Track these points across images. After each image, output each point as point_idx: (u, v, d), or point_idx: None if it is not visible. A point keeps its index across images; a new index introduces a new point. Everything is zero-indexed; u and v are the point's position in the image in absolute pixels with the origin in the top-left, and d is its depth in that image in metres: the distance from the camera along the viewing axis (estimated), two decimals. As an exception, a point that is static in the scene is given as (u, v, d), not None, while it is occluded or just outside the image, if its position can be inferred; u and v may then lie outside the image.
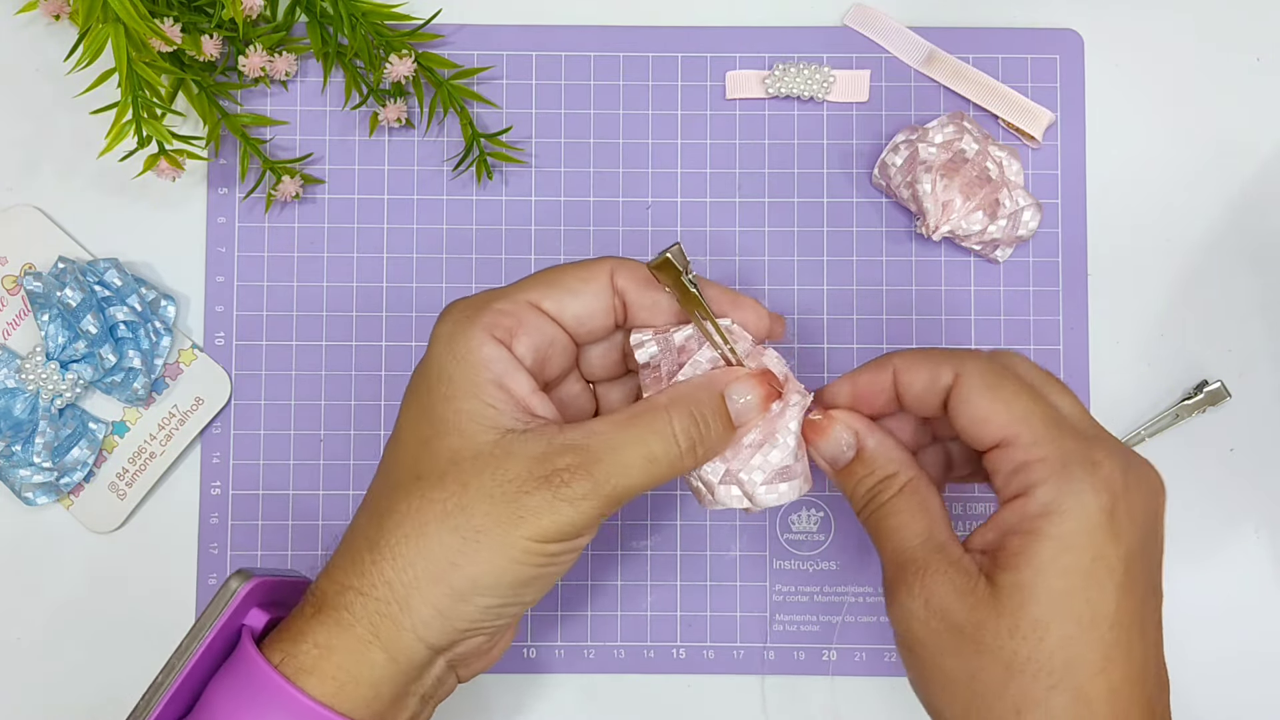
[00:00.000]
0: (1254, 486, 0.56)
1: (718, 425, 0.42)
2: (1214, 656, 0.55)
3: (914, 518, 0.42)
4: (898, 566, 0.42)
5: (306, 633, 0.41)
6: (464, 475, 0.40)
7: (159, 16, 0.51)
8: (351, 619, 0.40)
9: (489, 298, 0.43)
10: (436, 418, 0.41)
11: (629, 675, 0.55)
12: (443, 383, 0.41)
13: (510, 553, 0.40)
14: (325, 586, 0.41)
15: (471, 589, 0.40)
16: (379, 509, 0.41)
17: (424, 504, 0.40)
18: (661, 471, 0.41)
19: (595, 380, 0.47)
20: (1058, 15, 0.57)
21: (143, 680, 0.48)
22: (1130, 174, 0.57)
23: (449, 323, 0.42)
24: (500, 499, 0.40)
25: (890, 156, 0.54)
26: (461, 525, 0.40)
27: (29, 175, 0.56)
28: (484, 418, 0.41)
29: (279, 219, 0.56)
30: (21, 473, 0.53)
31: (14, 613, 0.55)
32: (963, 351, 0.43)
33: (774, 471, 0.43)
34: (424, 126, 0.56)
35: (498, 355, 0.41)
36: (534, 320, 0.42)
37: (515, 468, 0.40)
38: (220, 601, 0.42)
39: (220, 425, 0.55)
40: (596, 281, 0.43)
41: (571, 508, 0.40)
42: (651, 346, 0.44)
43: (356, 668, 0.40)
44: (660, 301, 0.43)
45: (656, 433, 0.41)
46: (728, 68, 0.56)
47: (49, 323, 0.53)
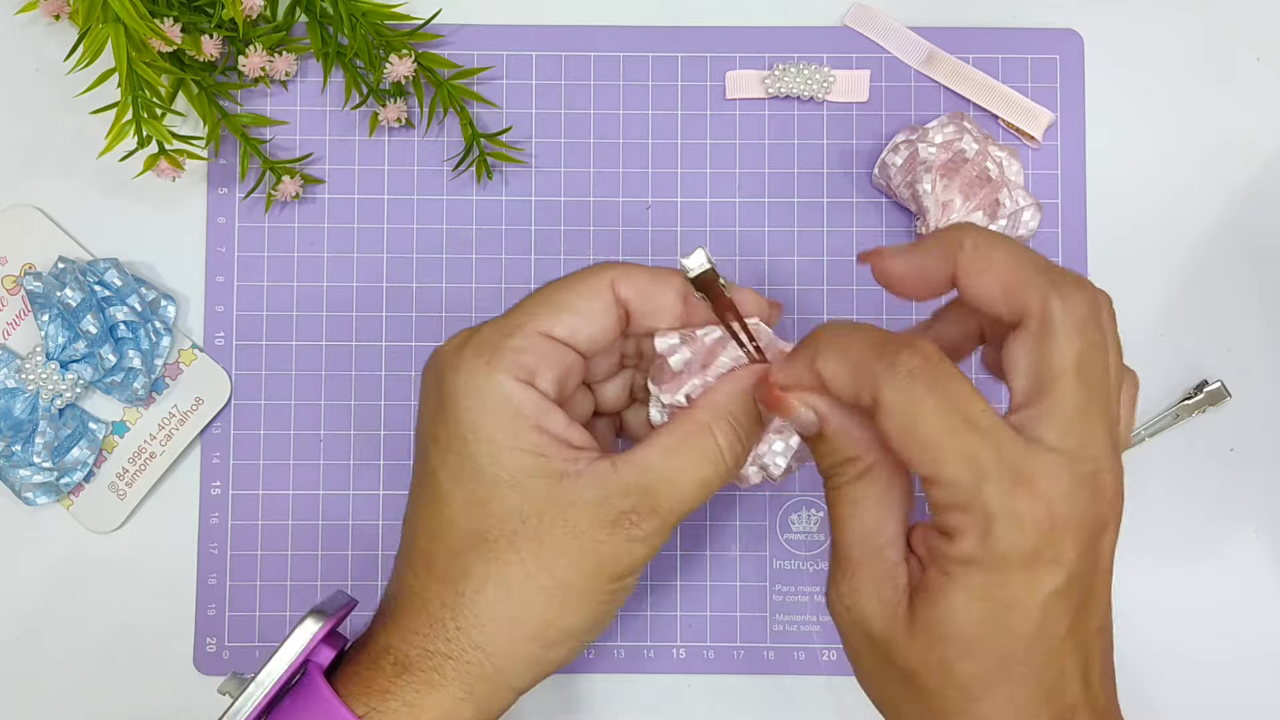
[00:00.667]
0: (1254, 486, 0.56)
1: (753, 429, 0.43)
2: (1214, 657, 0.55)
3: (864, 510, 0.40)
4: (835, 558, 0.41)
5: (393, 691, 0.41)
6: (534, 532, 0.40)
7: (159, 16, 0.51)
8: (442, 680, 0.41)
9: (499, 334, 0.42)
10: (487, 477, 0.41)
11: (629, 675, 0.55)
12: (482, 439, 0.41)
13: (597, 598, 0.41)
14: (403, 647, 0.41)
15: (564, 637, 0.41)
16: (449, 574, 0.41)
17: (503, 566, 0.41)
18: (712, 490, 0.42)
19: (594, 383, 0.47)
20: (1058, 15, 0.57)
21: (141, 680, 0.48)
22: (1130, 174, 0.57)
23: (467, 370, 0.41)
24: (577, 552, 0.40)
25: (890, 156, 0.54)
26: (547, 585, 0.41)
27: (29, 175, 0.56)
28: (536, 468, 0.41)
29: (279, 219, 0.56)
30: (21, 473, 0.53)
31: (14, 613, 0.55)
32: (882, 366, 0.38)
33: (793, 452, 0.44)
34: (424, 126, 0.56)
35: (529, 399, 0.41)
36: (550, 352, 0.42)
37: (582, 517, 0.40)
38: (297, 642, 0.42)
39: (220, 425, 0.55)
40: (601, 298, 0.42)
41: (644, 546, 0.41)
42: (685, 352, 0.43)
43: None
44: (665, 305, 0.43)
45: (707, 457, 0.41)
46: (728, 68, 0.56)
47: (49, 323, 0.53)
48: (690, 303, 0.43)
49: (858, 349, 0.39)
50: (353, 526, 0.55)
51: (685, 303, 0.43)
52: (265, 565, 0.55)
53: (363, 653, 0.42)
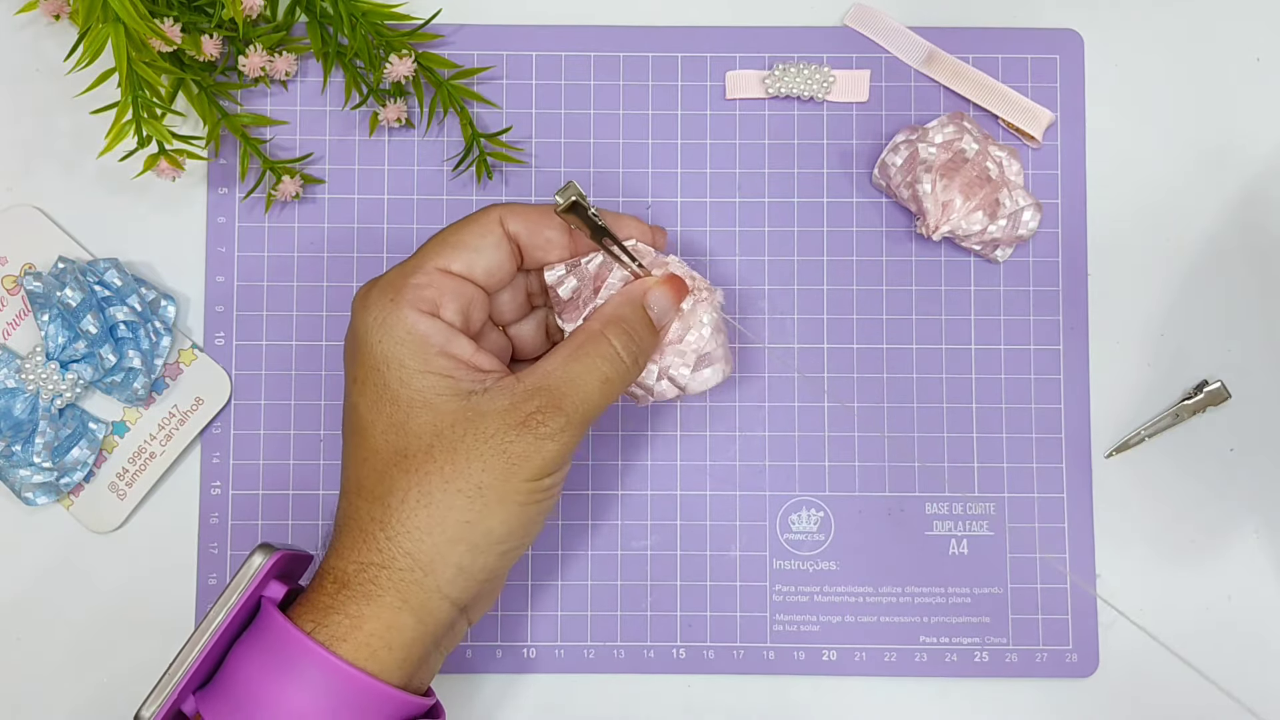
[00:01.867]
0: (1254, 486, 0.56)
1: (647, 333, 0.47)
2: (1214, 657, 0.54)
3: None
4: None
5: (334, 607, 0.43)
6: (448, 443, 0.43)
7: (159, 16, 0.51)
8: (378, 590, 0.43)
9: (402, 274, 0.45)
10: (401, 400, 0.44)
11: (629, 675, 0.55)
12: (393, 366, 0.44)
13: (515, 498, 0.44)
14: (341, 566, 0.44)
15: (486, 539, 0.44)
16: (376, 492, 0.44)
17: (422, 476, 0.43)
18: (615, 389, 0.46)
19: (506, 323, 0.50)
20: (1058, 15, 0.57)
21: (141, 679, 0.48)
22: (1130, 174, 0.57)
23: (375, 308, 0.45)
24: (489, 454, 0.43)
25: (890, 156, 0.54)
26: (464, 487, 0.43)
27: (29, 175, 0.56)
28: (445, 388, 0.44)
29: (279, 219, 0.56)
30: (21, 473, 0.53)
31: (14, 613, 0.55)
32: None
33: (695, 358, 0.48)
34: (424, 126, 0.56)
35: (433, 328, 0.44)
36: (450, 285, 0.45)
37: (492, 423, 0.44)
38: (246, 573, 0.45)
39: (220, 425, 0.55)
40: (492, 233, 0.46)
41: (553, 442, 0.44)
42: (571, 280, 0.48)
43: (388, 633, 0.43)
44: (552, 237, 0.47)
45: (604, 357, 0.45)
46: (728, 68, 0.56)
47: (49, 323, 0.53)
48: (577, 235, 0.47)
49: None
50: (353, 526, 0.55)
51: (570, 235, 0.47)
52: (265, 565, 0.55)
53: (311, 583, 0.45)
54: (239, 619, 0.45)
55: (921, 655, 0.55)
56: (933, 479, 0.55)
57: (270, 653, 0.43)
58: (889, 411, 0.55)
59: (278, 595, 0.45)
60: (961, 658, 0.55)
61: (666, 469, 0.55)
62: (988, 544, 0.55)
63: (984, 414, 0.55)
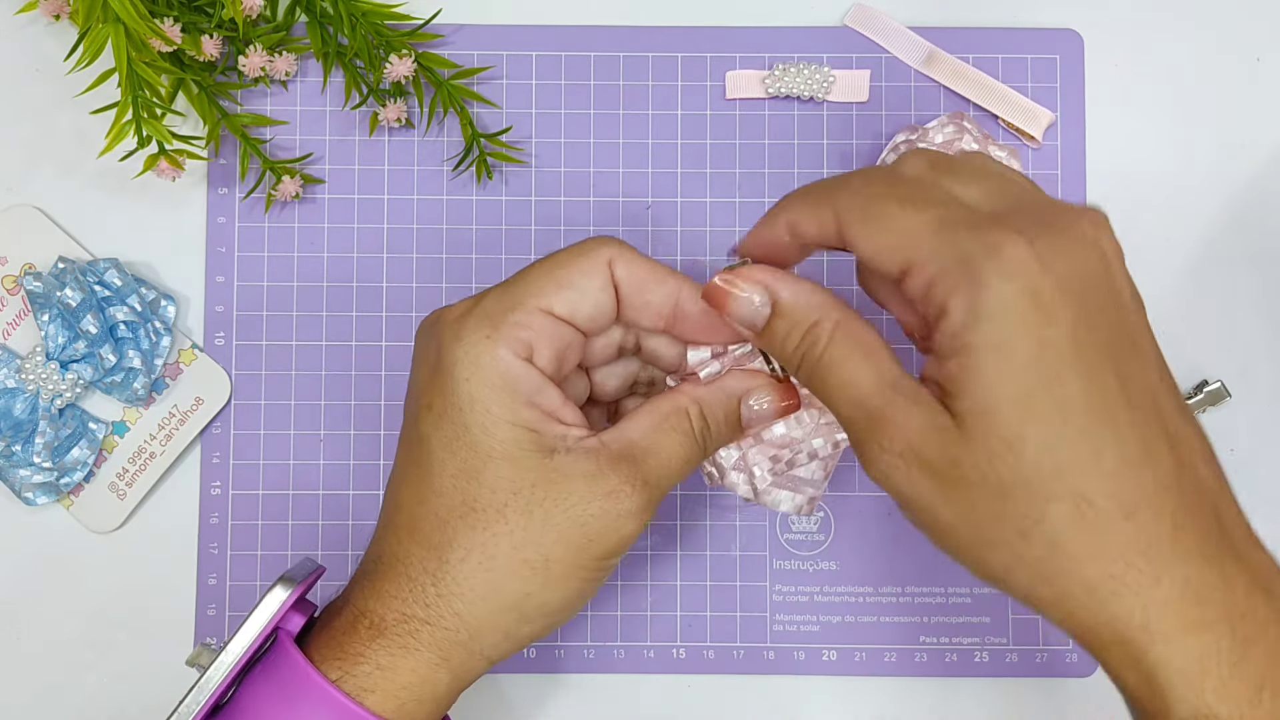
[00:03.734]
0: (1254, 486, 0.56)
1: (726, 425, 0.43)
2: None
3: (856, 364, 0.38)
4: (858, 422, 0.38)
5: (366, 655, 0.41)
6: (524, 505, 0.41)
7: (159, 16, 0.51)
8: (417, 645, 0.41)
9: (501, 309, 0.41)
10: (481, 448, 0.41)
11: (629, 675, 0.55)
12: (477, 410, 0.41)
13: (580, 574, 0.41)
14: (380, 610, 0.41)
15: (540, 611, 0.41)
16: (435, 541, 0.41)
17: (490, 537, 0.41)
18: (692, 469, 0.43)
19: (591, 368, 0.46)
20: (1058, 15, 0.57)
21: (142, 679, 0.48)
22: (1130, 174, 0.57)
23: (469, 342, 0.41)
24: (568, 528, 0.41)
25: (890, 156, 0.54)
26: (531, 557, 0.41)
27: (29, 175, 0.56)
28: (528, 443, 0.41)
29: (279, 219, 0.56)
30: (21, 473, 0.53)
31: (14, 613, 0.55)
32: (839, 184, 0.39)
33: (784, 477, 0.45)
34: (424, 126, 0.56)
35: (526, 374, 0.41)
36: (550, 328, 0.42)
37: (574, 490, 0.41)
38: (268, 608, 0.42)
39: (220, 425, 0.55)
40: (600, 275, 0.42)
41: (632, 521, 0.41)
42: (715, 365, 0.44)
43: (422, 688, 0.41)
44: (653, 305, 0.43)
45: (684, 434, 0.42)
46: (728, 68, 0.56)
47: (49, 323, 0.53)
48: (681, 313, 0.43)
49: (813, 187, 0.40)
50: (353, 526, 0.55)
51: (677, 311, 0.43)
52: (265, 565, 0.55)
53: (337, 618, 0.42)
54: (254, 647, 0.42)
55: (921, 655, 0.55)
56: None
57: (287, 695, 0.41)
58: (889, 411, 0.55)
59: (295, 627, 0.43)
60: (961, 658, 0.55)
61: (666, 469, 0.55)
62: (988, 544, 0.55)
63: (984, 414, 0.55)
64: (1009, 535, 0.36)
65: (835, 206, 0.38)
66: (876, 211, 0.37)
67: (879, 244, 0.37)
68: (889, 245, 0.37)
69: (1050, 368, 0.35)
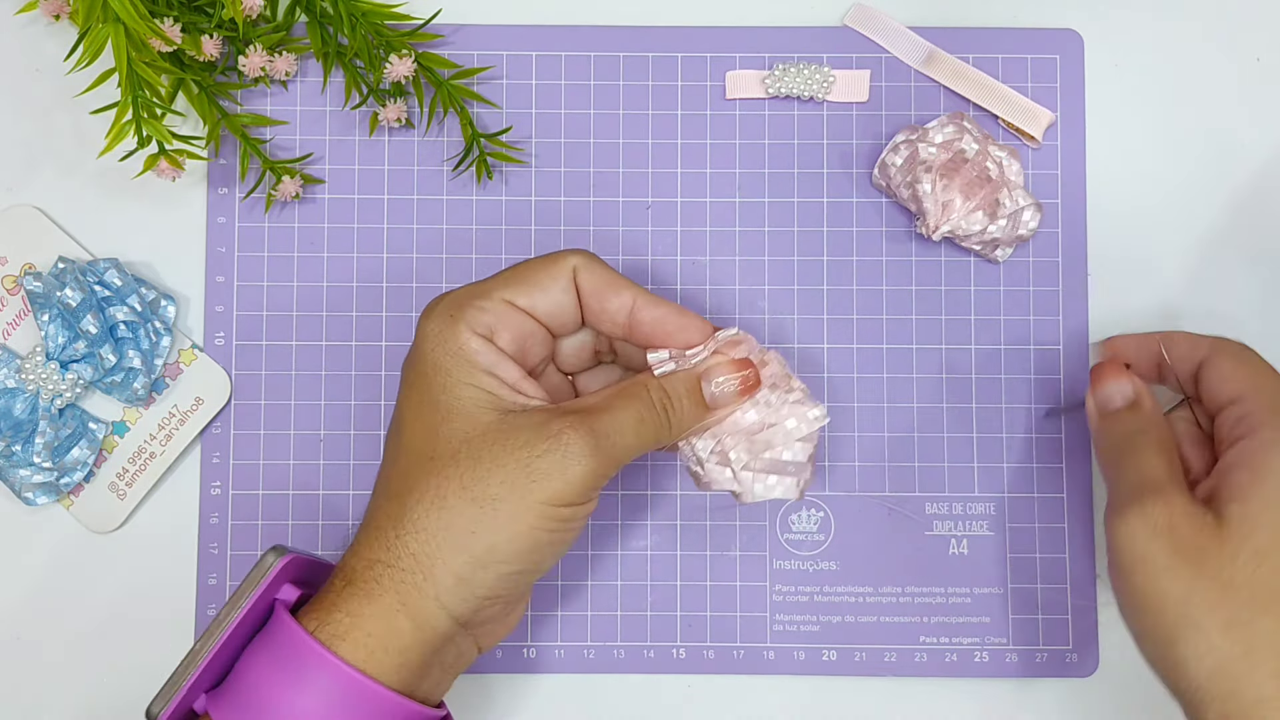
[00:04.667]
0: (1254, 486, 0.56)
1: (690, 402, 0.46)
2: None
3: (1161, 456, 0.47)
4: (1137, 490, 0.46)
5: (338, 604, 0.43)
6: (475, 450, 0.43)
7: (159, 16, 0.51)
8: (380, 590, 0.43)
9: (468, 295, 0.46)
10: (441, 406, 0.44)
11: (629, 675, 0.55)
12: (440, 374, 0.45)
13: (527, 517, 0.43)
14: (353, 563, 0.44)
15: (490, 555, 0.43)
16: (398, 490, 0.44)
17: (441, 479, 0.43)
18: (648, 434, 0.45)
19: (571, 372, 0.50)
20: (1058, 15, 0.57)
21: (142, 679, 0.48)
22: (1130, 174, 0.57)
23: (435, 321, 0.45)
24: (512, 466, 0.43)
25: (890, 156, 0.54)
26: (479, 495, 0.43)
27: (29, 175, 0.56)
28: (484, 401, 0.44)
29: (279, 219, 0.56)
30: (21, 473, 0.53)
31: (14, 613, 0.55)
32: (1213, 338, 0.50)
33: (765, 461, 0.46)
34: (424, 126, 0.56)
35: (484, 349, 0.45)
36: (511, 315, 0.46)
37: (521, 436, 0.43)
38: (258, 574, 0.44)
39: (220, 425, 0.55)
40: (563, 278, 0.46)
41: (579, 465, 0.43)
42: (670, 365, 0.47)
43: (385, 635, 0.43)
44: (610, 315, 0.47)
45: (642, 400, 0.45)
46: (728, 68, 0.56)
47: (49, 323, 0.53)
48: (636, 317, 0.46)
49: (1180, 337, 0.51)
50: (353, 526, 0.55)
51: (631, 319, 0.47)
52: (266, 565, 0.55)
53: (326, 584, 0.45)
54: (251, 621, 0.44)
55: (921, 655, 0.55)
56: (933, 479, 0.55)
57: (280, 657, 0.43)
58: (889, 411, 0.55)
59: (290, 598, 0.45)
60: (961, 658, 0.55)
61: (667, 469, 0.55)
62: (988, 544, 0.55)
63: (984, 414, 0.55)
64: (1214, 624, 0.43)
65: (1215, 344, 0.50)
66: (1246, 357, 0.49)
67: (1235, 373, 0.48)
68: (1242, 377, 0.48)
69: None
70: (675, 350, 0.47)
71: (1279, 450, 0.45)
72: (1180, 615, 0.44)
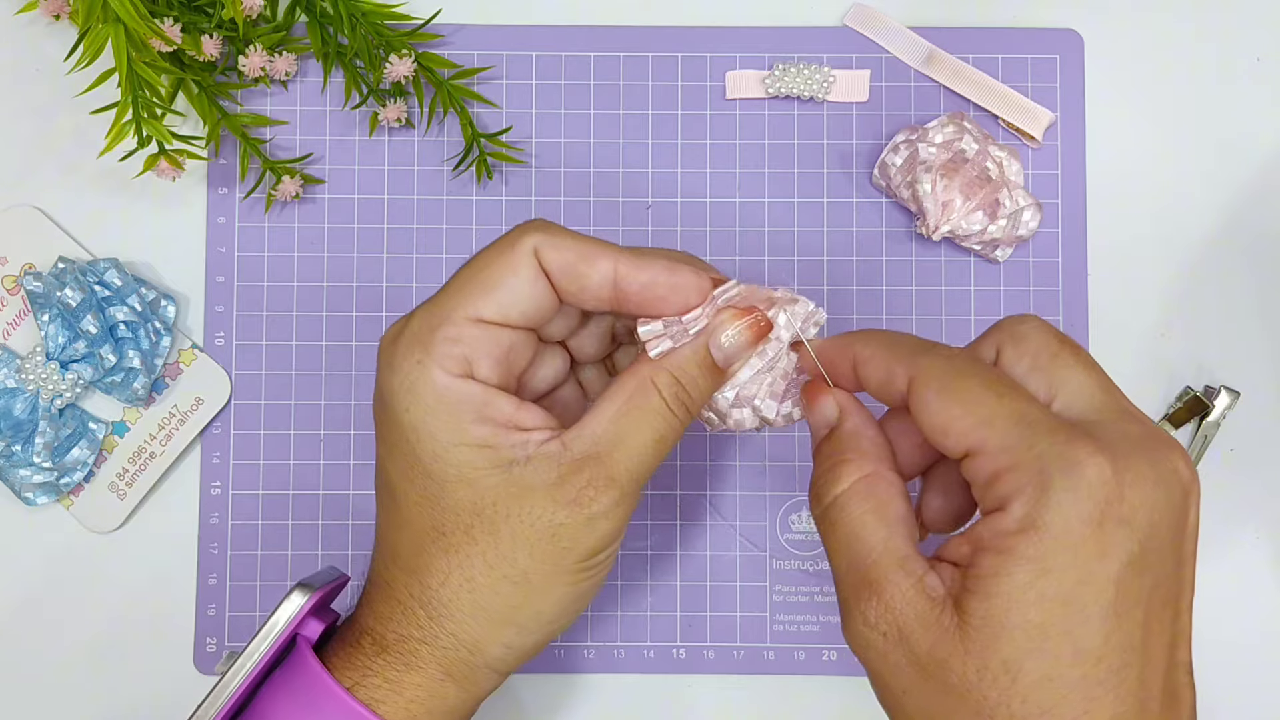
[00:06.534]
0: (1254, 486, 0.56)
1: (704, 377, 0.40)
2: (1213, 657, 0.54)
3: (868, 522, 0.37)
4: (851, 583, 0.37)
5: (375, 670, 0.41)
6: (490, 523, 0.40)
7: (159, 16, 0.51)
8: (419, 662, 0.41)
9: (427, 325, 0.40)
10: (435, 475, 0.40)
11: (629, 675, 0.55)
12: (424, 439, 0.39)
13: (564, 580, 0.40)
14: (379, 629, 0.42)
15: (536, 621, 0.41)
16: (413, 566, 0.41)
17: (464, 559, 0.40)
18: (669, 445, 0.40)
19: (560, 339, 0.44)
20: (1058, 15, 0.57)
21: (142, 679, 0.48)
22: (1130, 174, 0.57)
23: (401, 370, 0.40)
24: (537, 540, 0.39)
25: (890, 156, 0.54)
26: (509, 573, 0.40)
27: (29, 175, 0.56)
28: (483, 461, 0.39)
29: (279, 219, 0.56)
30: (21, 473, 0.53)
31: (14, 613, 0.55)
32: (923, 348, 0.38)
33: (784, 386, 0.42)
34: (424, 126, 0.56)
35: (466, 392, 0.39)
36: (484, 337, 0.40)
37: (538, 504, 0.39)
38: (284, 614, 0.42)
39: (220, 425, 0.55)
40: (525, 269, 0.40)
41: (606, 521, 0.40)
42: (666, 342, 0.41)
43: (431, 701, 0.41)
44: (588, 286, 0.40)
45: (654, 411, 0.40)
46: (728, 68, 0.56)
47: (49, 323, 0.53)
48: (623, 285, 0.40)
49: (897, 338, 0.39)
50: (353, 527, 0.55)
51: (617, 290, 0.40)
52: (265, 565, 0.55)
53: (347, 632, 0.43)
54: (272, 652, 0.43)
55: (921, 655, 0.55)
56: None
57: (304, 701, 0.41)
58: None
59: (314, 634, 0.43)
60: (961, 658, 0.55)
61: (667, 469, 0.55)
62: (988, 544, 0.55)
63: (984, 414, 0.55)
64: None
65: (914, 367, 0.37)
66: (957, 386, 0.36)
67: (951, 417, 0.36)
68: (961, 423, 0.35)
69: (1082, 606, 0.34)
70: (667, 319, 0.41)
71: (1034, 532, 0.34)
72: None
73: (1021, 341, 0.38)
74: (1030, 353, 0.38)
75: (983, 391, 0.36)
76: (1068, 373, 0.37)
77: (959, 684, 0.34)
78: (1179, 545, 0.35)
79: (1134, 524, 0.34)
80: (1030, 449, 0.34)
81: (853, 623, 0.37)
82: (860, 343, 0.39)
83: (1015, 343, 0.38)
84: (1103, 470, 0.34)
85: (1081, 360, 0.38)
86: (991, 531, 0.34)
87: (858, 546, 0.37)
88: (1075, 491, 0.34)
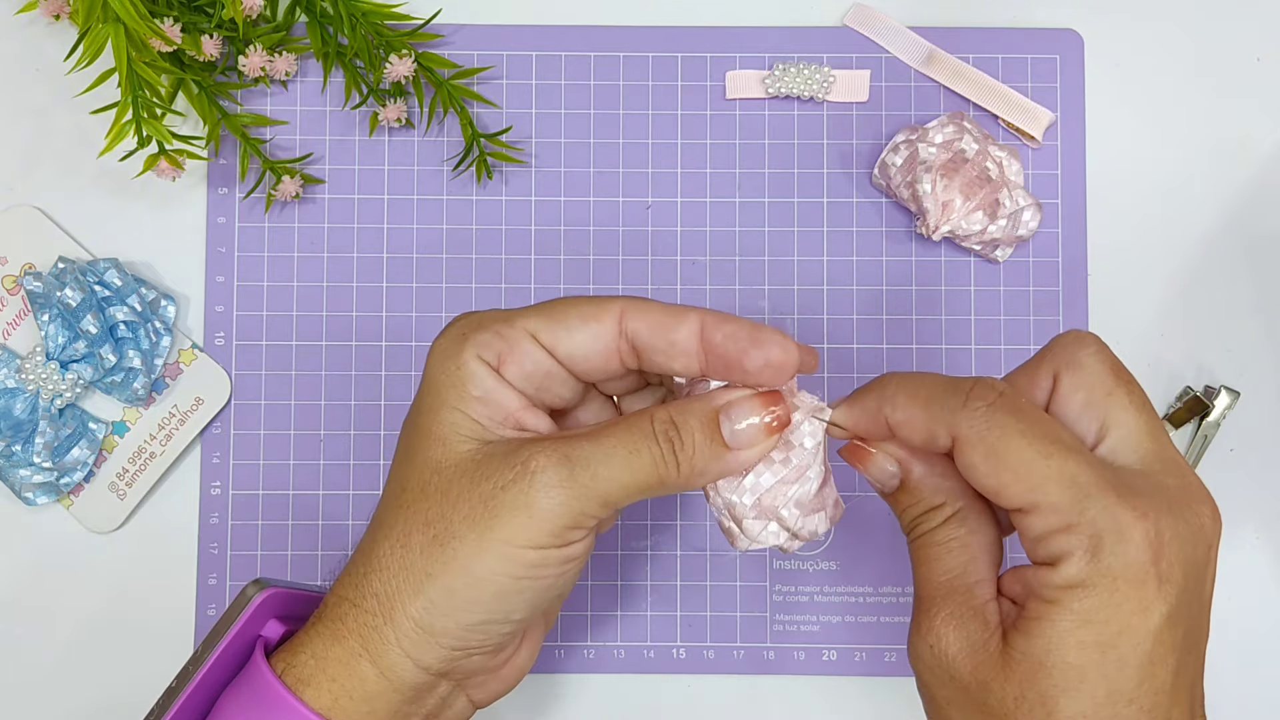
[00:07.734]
0: (1254, 486, 0.56)
1: (704, 438, 0.40)
2: (1214, 657, 0.54)
3: (951, 552, 0.39)
4: (919, 600, 0.39)
5: (305, 643, 0.40)
6: (446, 482, 0.39)
7: (159, 16, 0.51)
8: (345, 630, 0.40)
9: (489, 319, 0.41)
10: (422, 430, 0.40)
11: (629, 675, 0.55)
12: (431, 395, 0.41)
13: (486, 560, 0.38)
14: (328, 599, 0.41)
15: (448, 601, 0.39)
16: (375, 522, 0.41)
17: (410, 514, 0.40)
18: (644, 474, 0.39)
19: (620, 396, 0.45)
20: (1058, 15, 0.57)
21: (141, 679, 0.48)
22: (1130, 174, 0.57)
23: (445, 338, 0.41)
24: (474, 502, 0.39)
25: (890, 156, 0.54)
26: (441, 533, 0.39)
27: (29, 175, 0.56)
28: (465, 428, 0.40)
29: (279, 219, 0.56)
30: (21, 473, 0.53)
31: (14, 612, 0.55)
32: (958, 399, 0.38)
33: (806, 505, 0.41)
34: (424, 126, 0.56)
35: (483, 374, 0.40)
36: (527, 349, 0.40)
37: (489, 468, 0.39)
38: (235, 609, 0.42)
39: (220, 425, 0.55)
40: (600, 323, 0.40)
41: (546, 498, 0.38)
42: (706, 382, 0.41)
43: (349, 681, 0.40)
44: (678, 344, 0.40)
45: (638, 427, 0.39)
46: (728, 68, 0.56)
47: (49, 323, 0.53)
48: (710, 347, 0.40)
49: (927, 390, 0.39)
50: (353, 527, 0.55)
51: (699, 348, 0.40)
52: (265, 565, 0.55)
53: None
54: (235, 657, 0.42)
55: (921, 655, 0.55)
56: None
57: (248, 698, 0.40)
58: (889, 411, 0.55)
59: (273, 636, 0.42)
60: (961, 658, 0.55)
61: (666, 469, 0.55)
62: (988, 544, 0.55)
63: (984, 414, 0.55)
64: None
65: (955, 429, 0.38)
66: (1003, 449, 0.37)
67: (1002, 483, 0.37)
68: (1012, 489, 0.37)
69: (1120, 654, 0.36)
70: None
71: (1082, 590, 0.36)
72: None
73: (1079, 371, 0.39)
74: (1086, 385, 0.39)
75: (1030, 454, 0.37)
76: (1121, 415, 0.38)
77: (997, 708, 0.37)
78: (1202, 591, 0.38)
79: (1172, 580, 0.36)
80: (1082, 514, 0.36)
81: (913, 634, 0.39)
82: (889, 405, 0.39)
83: (1073, 371, 0.39)
84: (1148, 533, 0.36)
85: (1135, 401, 0.39)
86: (1041, 582, 0.37)
87: (937, 567, 0.39)
88: (1124, 556, 0.36)
